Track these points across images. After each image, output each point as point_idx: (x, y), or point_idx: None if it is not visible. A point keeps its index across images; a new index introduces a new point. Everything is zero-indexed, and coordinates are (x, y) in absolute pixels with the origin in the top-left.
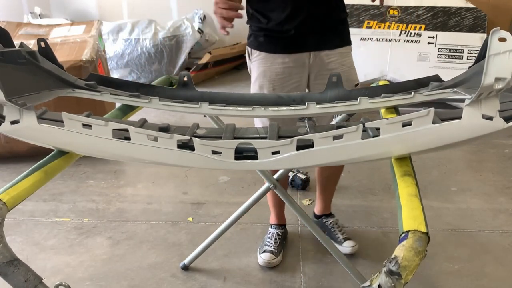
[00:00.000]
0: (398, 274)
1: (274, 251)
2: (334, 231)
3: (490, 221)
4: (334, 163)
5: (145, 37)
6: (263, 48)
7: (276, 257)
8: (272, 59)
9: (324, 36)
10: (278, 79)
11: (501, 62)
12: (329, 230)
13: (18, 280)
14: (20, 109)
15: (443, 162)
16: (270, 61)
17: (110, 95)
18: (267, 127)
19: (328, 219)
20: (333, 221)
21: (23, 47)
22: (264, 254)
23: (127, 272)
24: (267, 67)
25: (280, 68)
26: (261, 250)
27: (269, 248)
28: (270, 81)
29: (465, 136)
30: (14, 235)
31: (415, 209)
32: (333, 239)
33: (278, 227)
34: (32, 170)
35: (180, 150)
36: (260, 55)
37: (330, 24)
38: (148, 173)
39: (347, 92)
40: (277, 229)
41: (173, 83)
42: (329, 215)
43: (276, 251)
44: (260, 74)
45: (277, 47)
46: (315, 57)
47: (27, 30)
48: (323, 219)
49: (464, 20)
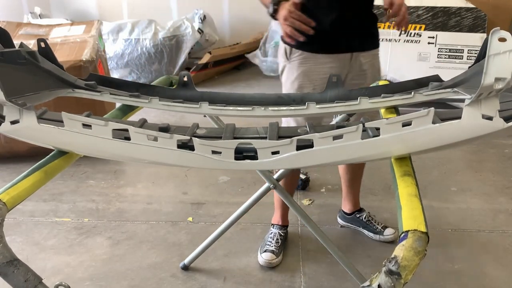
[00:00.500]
0: (398, 274)
1: (275, 251)
2: (371, 224)
3: (490, 221)
4: (334, 163)
5: (145, 37)
6: (306, 48)
7: (277, 257)
8: (315, 59)
9: (363, 38)
10: (319, 79)
11: (501, 62)
12: (365, 224)
13: (18, 280)
14: (20, 109)
15: (443, 162)
16: (312, 61)
17: (110, 95)
18: (267, 127)
19: (361, 214)
20: (366, 215)
21: (23, 47)
22: (265, 254)
23: (127, 272)
24: (309, 67)
25: (323, 68)
26: (262, 250)
27: (270, 248)
28: (311, 81)
29: (465, 136)
30: (14, 235)
31: (415, 209)
32: (372, 231)
33: (281, 228)
34: (32, 170)
35: (180, 150)
36: (302, 54)
37: (368, 26)
38: (148, 173)
39: (347, 92)
40: (280, 229)
41: (173, 83)
42: (360, 210)
43: (277, 251)
44: (301, 73)
45: (320, 47)
46: (355, 58)
47: (27, 30)
48: (355, 215)
49: (464, 20)
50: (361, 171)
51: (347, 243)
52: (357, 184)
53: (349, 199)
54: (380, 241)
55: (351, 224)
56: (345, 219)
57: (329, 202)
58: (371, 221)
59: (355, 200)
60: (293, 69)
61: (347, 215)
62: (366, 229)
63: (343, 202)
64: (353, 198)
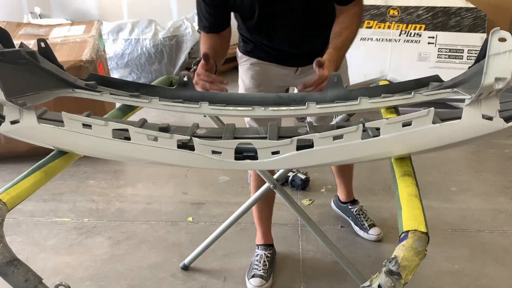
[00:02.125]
0: (398, 274)
1: (263, 275)
2: (359, 218)
3: (490, 221)
4: (334, 163)
5: (145, 37)
6: (253, 55)
7: (266, 282)
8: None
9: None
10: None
11: (501, 62)
12: (354, 216)
13: (18, 280)
14: (20, 109)
15: (443, 162)
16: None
17: (110, 95)
18: (267, 127)
19: (353, 206)
20: (358, 208)
21: (23, 47)
22: (253, 280)
23: (127, 272)
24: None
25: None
26: (249, 275)
27: (258, 273)
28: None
29: (465, 136)
30: (14, 235)
31: (415, 209)
32: (359, 226)
33: (266, 248)
34: (32, 170)
35: (180, 150)
36: (249, 60)
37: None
38: (148, 173)
39: (347, 92)
40: (265, 250)
41: (173, 83)
42: (354, 202)
43: (265, 275)
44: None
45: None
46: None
47: (27, 30)
48: (348, 205)
49: (464, 20)
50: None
51: (347, 243)
52: (348, 174)
53: (341, 189)
54: (364, 238)
55: (342, 212)
56: (338, 206)
57: (329, 202)
58: (360, 215)
59: (347, 190)
60: (242, 73)
61: (341, 203)
62: (354, 223)
63: (338, 189)
64: (345, 188)
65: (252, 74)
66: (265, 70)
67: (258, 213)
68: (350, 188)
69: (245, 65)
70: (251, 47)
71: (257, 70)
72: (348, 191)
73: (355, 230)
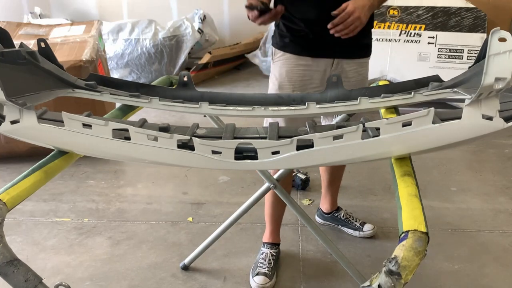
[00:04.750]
0: (398, 274)
1: (268, 273)
2: (349, 221)
3: (490, 221)
4: (334, 163)
5: (145, 37)
6: (289, 49)
7: (270, 280)
8: (296, 60)
9: (349, 47)
10: (299, 81)
11: (501, 62)
12: (344, 221)
13: (18, 280)
14: (20, 109)
15: (443, 162)
16: (293, 63)
17: (110, 95)
18: (267, 127)
19: (338, 213)
20: (344, 213)
21: (23, 47)
22: (257, 277)
23: (127, 272)
24: (290, 68)
25: (303, 71)
26: (254, 272)
27: (262, 270)
28: (291, 81)
29: (465, 136)
30: (14, 235)
31: (415, 209)
32: (352, 228)
33: (272, 247)
34: (32, 170)
35: (180, 150)
36: (284, 55)
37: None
38: (148, 173)
39: (347, 92)
40: (271, 248)
41: (173, 83)
42: (338, 209)
43: (270, 273)
44: (282, 74)
45: (302, 50)
46: (337, 65)
47: (27, 30)
48: (333, 214)
49: (464, 20)
50: (340, 173)
51: (347, 243)
52: (336, 185)
53: (327, 200)
54: (360, 237)
55: (330, 222)
56: (324, 218)
57: None
58: (349, 218)
59: (332, 200)
60: (275, 69)
61: (326, 214)
62: (346, 227)
63: (322, 201)
64: (331, 198)
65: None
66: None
67: (271, 210)
68: (336, 197)
69: (279, 61)
70: (287, 40)
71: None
72: (333, 201)
73: (349, 233)
